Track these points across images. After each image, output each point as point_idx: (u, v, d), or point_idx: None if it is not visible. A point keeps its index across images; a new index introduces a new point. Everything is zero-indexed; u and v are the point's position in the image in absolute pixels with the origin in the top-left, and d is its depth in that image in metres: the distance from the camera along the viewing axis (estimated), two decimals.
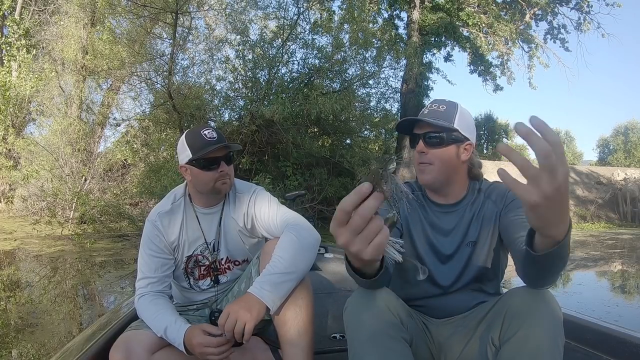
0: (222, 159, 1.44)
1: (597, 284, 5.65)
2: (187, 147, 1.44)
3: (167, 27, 9.81)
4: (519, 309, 0.97)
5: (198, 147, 1.43)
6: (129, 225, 8.92)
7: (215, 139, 1.43)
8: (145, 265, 1.47)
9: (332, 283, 2.66)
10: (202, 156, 1.41)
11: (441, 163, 1.22)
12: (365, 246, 0.64)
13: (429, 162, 1.22)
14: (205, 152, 1.40)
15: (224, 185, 1.47)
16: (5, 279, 5.34)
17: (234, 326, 1.21)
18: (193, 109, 9.48)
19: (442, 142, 1.22)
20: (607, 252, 8.35)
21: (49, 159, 9.94)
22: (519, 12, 13.29)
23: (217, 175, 1.44)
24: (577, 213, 14.87)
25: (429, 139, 1.22)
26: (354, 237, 0.64)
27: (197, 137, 1.44)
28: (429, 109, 1.25)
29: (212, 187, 1.46)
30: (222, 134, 1.48)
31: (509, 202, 1.23)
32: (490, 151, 28.45)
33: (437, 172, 1.22)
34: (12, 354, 2.98)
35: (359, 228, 0.63)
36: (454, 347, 1.16)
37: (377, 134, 14.76)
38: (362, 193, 0.62)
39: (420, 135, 1.23)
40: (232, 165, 1.49)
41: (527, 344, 0.92)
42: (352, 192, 0.63)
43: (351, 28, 10.55)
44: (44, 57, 12.17)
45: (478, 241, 1.24)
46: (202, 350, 1.24)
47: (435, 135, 1.22)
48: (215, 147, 1.41)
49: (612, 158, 38.26)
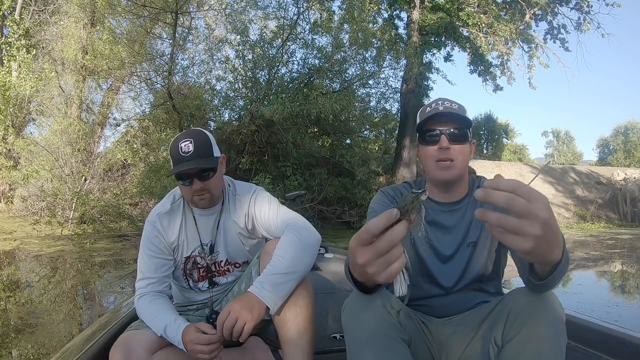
0: (195, 175, 1.37)
1: (597, 284, 5.65)
2: (170, 156, 1.43)
3: (167, 27, 9.81)
4: (522, 309, 0.97)
5: (174, 160, 1.39)
6: (129, 225, 8.92)
7: (189, 154, 1.35)
8: (145, 266, 1.47)
9: (332, 283, 2.66)
10: (175, 173, 1.38)
11: (463, 159, 1.22)
12: (383, 270, 0.66)
13: (452, 158, 1.20)
14: (177, 170, 1.37)
15: (201, 201, 1.43)
16: (5, 279, 5.34)
17: (233, 325, 1.21)
18: (193, 109, 9.49)
19: (465, 138, 1.22)
20: (607, 252, 8.35)
21: (49, 159, 9.94)
22: (519, 12, 13.28)
23: (192, 191, 1.40)
24: (577, 213, 14.87)
25: (453, 134, 1.20)
26: (374, 260, 0.65)
27: (175, 149, 1.38)
28: (443, 106, 1.23)
29: (190, 200, 1.45)
30: (203, 145, 1.40)
31: None
32: (490, 151, 28.47)
33: (460, 168, 1.22)
34: (12, 354, 2.98)
35: (382, 251, 0.65)
36: (455, 347, 1.16)
37: (377, 134, 14.80)
38: (391, 218, 0.64)
39: (443, 131, 1.20)
40: (213, 178, 1.41)
41: (530, 344, 0.92)
42: (381, 216, 0.65)
43: (351, 28, 10.56)
44: (43, 57, 12.17)
45: (478, 242, 1.24)
46: (192, 347, 1.24)
47: (461, 131, 1.21)
48: (185, 166, 1.35)
49: (612, 158, 38.24)
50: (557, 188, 16.13)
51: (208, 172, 1.40)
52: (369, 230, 0.65)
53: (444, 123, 1.21)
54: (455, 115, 1.20)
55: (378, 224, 0.64)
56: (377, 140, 15.45)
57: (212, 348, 1.24)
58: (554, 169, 18.09)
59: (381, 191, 1.35)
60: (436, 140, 1.21)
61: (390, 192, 1.33)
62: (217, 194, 1.48)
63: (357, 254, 0.68)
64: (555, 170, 17.87)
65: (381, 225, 0.64)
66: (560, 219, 14.47)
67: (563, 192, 15.96)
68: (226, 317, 1.22)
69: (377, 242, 0.65)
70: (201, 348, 1.24)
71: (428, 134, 1.23)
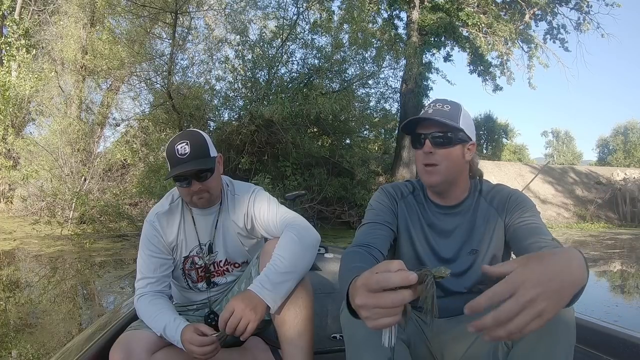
0: (193, 177, 1.38)
1: (597, 284, 5.65)
2: (166, 159, 1.43)
3: (167, 27, 9.81)
4: None
5: (171, 163, 1.40)
6: (129, 225, 8.92)
7: (186, 156, 1.36)
8: (144, 266, 1.47)
9: (331, 283, 2.66)
10: (172, 175, 1.38)
11: (448, 163, 1.19)
12: (375, 319, 0.67)
13: (436, 162, 1.18)
14: (174, 172, 1.37)
15: (200, 201, 1.43)
16: (5, 279, 5.33)
17: (237, 323, 1.21)
18: (192, 109, 9.49)
19: (450, 142, 1.18)
20: (606, 252, 8.35)
21: (49, 159, 9.93)
22: (519, 12, 13.29)
23: (191, 192, 1.40)
24: (576, 213, 14.88)
25: (436, 138, 1.18)
26: (371, 308, 0.67)
27: (171, 152, 1.38)
28: (433, 108, 1.21)
29: (190, 201, 1.45)
30: (199, 146, 1.40)
31: (512, 207, 1.21)
32: (490, 151, 28.46)
33: (444, 173, 1.19)
34: (12, 354, 2.98)
35: (382, 306, 0.66)
36: (457, 347, 1.15)
37: (376, 134, 14.78)
38: (408, 282, 0.65)
39: (426, 135, 1.19)
40: (211, 179, 1.42)
41: (541, 345, 0.92)
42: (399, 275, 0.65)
43: (351, 28, 10.56)
44: (43, 57, 12.14)
45: (480, 249, 1.23)
46: (188, 347, 1.25)
47: (443, 135, 1.18)
48: (181, 168, 1.35)
49: (612, 158, 38.28)
50: (556, 188, 16.14)
51: (206, 172, 1.40)
52: (380, 283, 0.65)
53: (429, 126, 1.19)
54: (437, 121, 1.17)
55: (391, 282, 0.65)
56: (377, 140, 15.43)
57: (204, 350, 1.24)
58: (553, 169, 18.10)
59: (381, 189, 1.34)
60: (421, 144, 1.20)
61: (390, 190, 1.32)
62: (216, 194, 1.48)
63: (359, 294, 0.69)
64: (554, 170, 17.89)
65: (396, 284, 0.65)
66: (560, 219, 14.48)
67: (563, 192, 15.97)
68: (229, 316, 1.21)
69: (382, 296, 0.65)
70: (195, 349, 1.23)
71: (414, 137, 1.23)
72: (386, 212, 1.26)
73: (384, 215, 1.25)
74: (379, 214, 1.25)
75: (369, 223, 1.23)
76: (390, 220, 1.24)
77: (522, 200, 1.22)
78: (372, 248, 1.11)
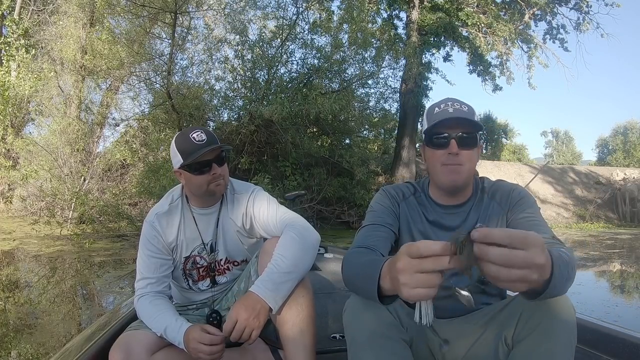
0: (213, 160, 1.41)
1: (597, 284, 5.65)
2: (178, 152, 1.43)
3: (166, 27, 9.80)
4: (535, 310, 0.96)
5: (188, 151, 1.40)
6: (128, 225, 8.90)
7: (204, 142, 1.40)
8: (144, 266, 1.47)
9: (332, 283, 2.66)
10: (193, 161, 1.39)
11: (470, 164, 1.18)
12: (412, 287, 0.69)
13: (460, 163, 1.15)
14: (195, 157, 1.38)
15: (218, 187, 1.44)
16: (4, 279, 5.33)
17: (242, 333, 1.22)
18: (192, 109, 9.48)
19: (475, 143, 1.17)
20: (606, 252, 8.36)
21: (48, 159, 9.92)
22: (518, 12, 13.29)
23: (209, 178, 1.41)
24: (576, 213, 14.89)
25: (463, 139, 1.15)
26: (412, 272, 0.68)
27: (187, 141, 1.41)
28: (454, 107, 1.17)
29: (205, 190, 1.44)
30: (212, 134, 1.45)
31: (514, 202, 1.21)
32: (489, 151, 28.48)
33: (467, 173, 1.18)
34: (12, 354, 2.98)
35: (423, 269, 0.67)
36: (459, 347, 1.15)
37: (376, 133, 14.79)
38: (446, 251, 0.66)
39: (451, 135, 1.14)
40: (226, 165, 1.46)
41: (542, 345, 0.92)
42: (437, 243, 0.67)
43: (350, 28, 10.56)
44: (43, 57, 12.13)
45: None
46: (195, 345, 1.25)
47: (470, 136, 1.15)
48: (204, 150, 1.38)
49: (612, 158, 38.33)
50: (556, 188, 16.15)
51: (224, 155, 1.45)
52: (420, 250, 0.68)
53: (453, 127, 1.15)
54: (466, 120, 1.15)
55: (432, 249, 0.67)
56: (376, 140, 15.44)
57: (213, 350, 1.24)
58: (553, 169, 18.11)
59: (382, 190, 1.33)
60: (444, 144, 1.15)
61: (391, 191, 1.31)
62: (227, 182, 1.50)
63: (400, 259, 0.70)
64: (554, 170, 17.90)
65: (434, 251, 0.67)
66: (560, 218, 14.49)
67: (562, 192, 15.98)
68: (233, 326, 1.23)
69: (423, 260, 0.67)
70: (203, 348, 1.24)
71: (436, 136, 1.17)
72: (387, 213, 1.26)
73: (384, 217, 1.24)
74: (380, 216, 1.25)
75: (369, 225, 1.23)
76: (391, 222, 1.24)
77: (524, 195, 1.22)
78: (373, 250, 1.11)
